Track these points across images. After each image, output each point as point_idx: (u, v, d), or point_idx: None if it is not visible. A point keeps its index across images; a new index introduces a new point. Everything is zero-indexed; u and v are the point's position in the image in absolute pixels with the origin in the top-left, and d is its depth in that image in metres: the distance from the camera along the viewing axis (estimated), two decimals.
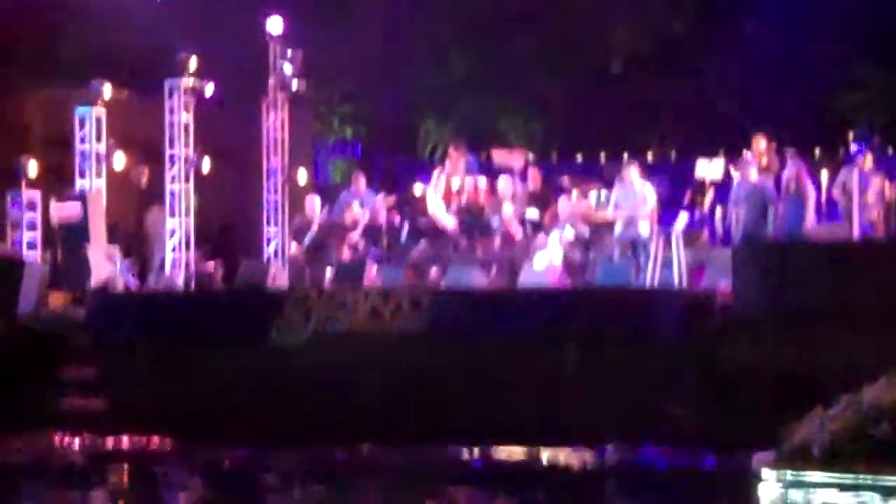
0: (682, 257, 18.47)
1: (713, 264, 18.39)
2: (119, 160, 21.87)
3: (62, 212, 20.85)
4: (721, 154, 21.60)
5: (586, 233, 19.55)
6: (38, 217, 21.35)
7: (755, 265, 16.84)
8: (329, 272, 20.60)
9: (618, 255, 19.49)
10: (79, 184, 21.63)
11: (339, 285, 19.33)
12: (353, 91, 33.14)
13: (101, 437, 18.06)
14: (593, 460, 16.35)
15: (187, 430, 17.68)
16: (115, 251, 20.83)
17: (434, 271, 20.00)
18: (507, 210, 20.41)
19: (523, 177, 21.74)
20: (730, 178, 19.83)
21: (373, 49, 31.49)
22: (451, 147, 22.26)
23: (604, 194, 20.33)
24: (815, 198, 19.58)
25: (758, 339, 16.35)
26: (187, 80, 21.02)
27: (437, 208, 20.95)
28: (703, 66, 34.05)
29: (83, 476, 16.09)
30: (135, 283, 20.56)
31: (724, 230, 19.89)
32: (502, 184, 21.09)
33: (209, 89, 21.26)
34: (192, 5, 25.28)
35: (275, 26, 21.54)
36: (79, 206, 20.87)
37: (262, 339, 18.01)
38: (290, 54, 21.63)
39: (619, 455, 16.34)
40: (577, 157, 28.81)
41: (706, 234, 19.92)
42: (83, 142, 21.70)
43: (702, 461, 15.78)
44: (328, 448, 17.01)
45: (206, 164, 21.32)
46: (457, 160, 21.42)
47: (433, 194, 21.15)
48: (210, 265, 21.35)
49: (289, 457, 16.67)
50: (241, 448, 17.10)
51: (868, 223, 19.59)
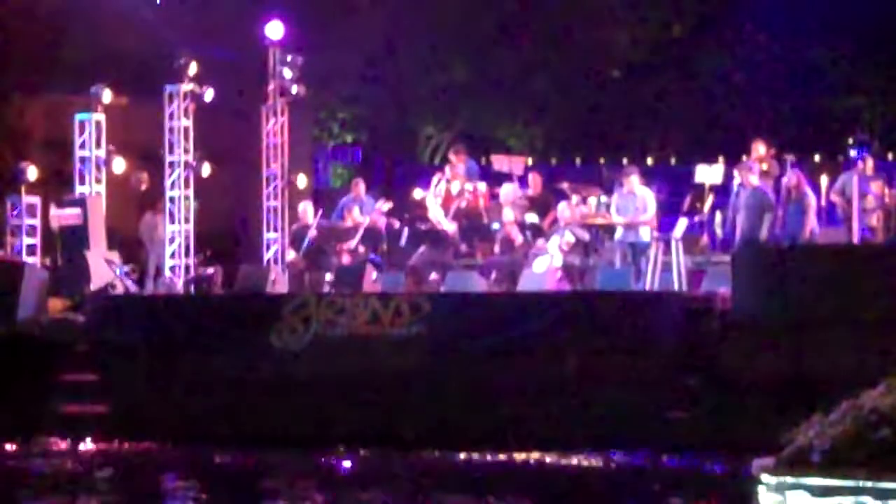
0: (681, 262, 18.46)
1: (713, 269, 18.41)
2: (119, 165, 21.87)
3: (62, 217, 20.86)
4: (721, 159, 21.61)
5: (586, 237, 19.54)
6: (37, 222, 21.36)
7: (755, 270, 16.86)
8: (328, 277, 20.61)
9: (618, 260, 19.49)
10: (78, 189, 21.65)
11: (339, 290, 19.34)
12: (353, 96, 33.19)
13: (101, 441, 18.04)
14: (594, 465, 16.32)
15: (187, 435, 17.68)
16: (115, 256, 20.84)
17: (434, 276, 20.01)
18: (507, 215, 20.40)
19: (523, 182, 21.74)
20: (729, 183, 19.83)
21: (373, 54, 31.54)
22: (451, 152, 22.27)
23: (603, 199, 20.35)
24: (816, 205, 19.58)
25: (757, 343, 16.36)
26: (187, 86, 21.06)
27: (436, 213, 20.95)
28: (703, 72, 34.17)
29: (84, 481, 16.05)
30: (135, 289, 20.55)
31: (723, 235, 19.89)
32: (502, 189, 21.10)
33: (209, 94, 21.28)
34: (191, 11, 25.33)
35: (274, 32, 21.57)
36: (78, 211, 20.89)
37: (262, 344, 18.02)
38: (289, 59, 21.65)
39: (620, 460, 16.33)
40: (577, 161, 28.86)
41: (706, 239, 19.91)
42: (83, 147, 21.72)
43: (701, 466, 15.76)
44: (328, 453, 17.00)
45: (206, 169, 21.35)
46: (456, 165, 21.42)
47: (433, 199, 21.15)
48: (210, 270, 21.34)
49: (289, 461, 16.66)
50: (241, 453, 17.08)
51: (867, 228, 19.60)
